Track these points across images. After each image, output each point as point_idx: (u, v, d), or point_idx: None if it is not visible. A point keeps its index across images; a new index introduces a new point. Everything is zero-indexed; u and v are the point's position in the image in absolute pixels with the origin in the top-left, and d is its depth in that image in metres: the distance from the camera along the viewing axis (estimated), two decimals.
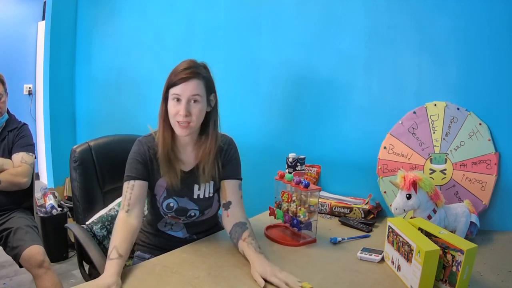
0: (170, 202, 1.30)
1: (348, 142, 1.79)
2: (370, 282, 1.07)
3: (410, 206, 1.28)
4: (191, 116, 1.20)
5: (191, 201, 1.31)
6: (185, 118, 1.19)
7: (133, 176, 1.24)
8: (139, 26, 2.75)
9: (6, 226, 1.80)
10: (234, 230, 1.24)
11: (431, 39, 1.55)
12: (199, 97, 1.20)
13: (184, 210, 1.31)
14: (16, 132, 1.95)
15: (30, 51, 3.99)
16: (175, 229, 1.36)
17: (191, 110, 1.20)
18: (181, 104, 1.19)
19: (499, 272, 1.12)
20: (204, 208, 1.33)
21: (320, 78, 1.86)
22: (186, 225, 1.36)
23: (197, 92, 1.20)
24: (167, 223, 1.36)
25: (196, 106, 1.20)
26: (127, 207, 1.21)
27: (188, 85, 1.19)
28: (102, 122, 3.12)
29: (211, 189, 1.33)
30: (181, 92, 1.19)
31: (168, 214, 1.31)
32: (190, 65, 1.22)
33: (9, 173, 1.84)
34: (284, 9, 1.95)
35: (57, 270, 2.29)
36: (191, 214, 1.32)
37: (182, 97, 1.19)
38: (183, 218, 1.33)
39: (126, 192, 1.23)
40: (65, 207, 2.73)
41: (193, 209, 1.31)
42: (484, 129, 1.45)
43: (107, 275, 1.02)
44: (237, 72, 2.17)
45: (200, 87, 1.21)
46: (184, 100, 1.19)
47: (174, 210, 1.30)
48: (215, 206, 1.36)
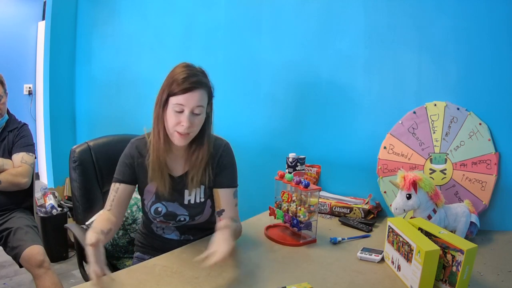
0: (158, 206, 1.28)
1: (348, 142, 1.79)
2: (370, 282, 1.07)
3: (410, 206, 1.28)
4: (193, 127, 1.17)
5: (181, 206, 1.29)
6: (185, 129, 1.15)
7: (119, 178, 1.26)
8: (139, 26, 2.75)
9: (6, 226, 1.80)
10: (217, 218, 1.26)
11: (431, 39, 1.55)
12: (203, 108, 1.17)
13: (173, 215, 1.29)
14: (16, 132, 1.95)
15: (30, 51, 3.99)
16: (167, 232, 1.35)
17: (193, 121, 1.16)
18: (183, 114, 1.14)
19: (499, 272, 1.12)
20: (194, 214, 1.30)
21: (320, 78, 1.85)
22: (177, 228, 1.35)
23: (202, 104, 1.16)
24: (158, 227, 1.35)
25: (198, 117, 1.17)
26: (109, 207, 1.25)
27: (193, 96, 1.13)
28: (102, 122, 3.12)
29: (202, 195, 1.30)
30: (185, 102, 1.13)
31: (156, 218, 1.30)
32: (193, 73, 1.16)
33: (9, 173, 1.84)
34: (284, 9, 1.95)
35: (57, 270, 2.29)
36: (180, 219, 1.30)
37: (186, 108, 1.14)
38: (173, 222, 1.31)
39: (111, 194, 1.26)
40: (65, 207, 2.73)
41: (183, 214, 1.29)
42: (484, 129, 1.45)
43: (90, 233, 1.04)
44: (237, 72, 2.16)
45: (204, 98, 1.17)
46: (187, 111, 1.14)
47: (163, 214, 1.29)
48: (207, 212, 1.33)
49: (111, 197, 1.25)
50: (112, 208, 1.24)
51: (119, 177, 1.26)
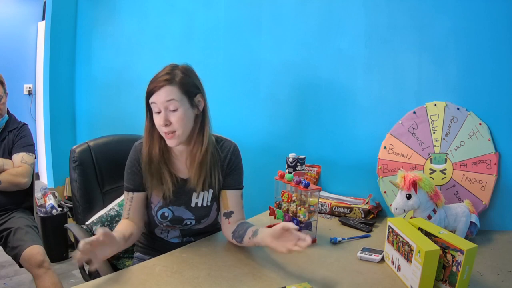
0: (165, 211, 1.28)
1: (348, 142, 1.79)
2: (370, 282, 1.07)
3: (410, 206, 1.28)
4: (172, 125, 1.15)
5: (187, 210, 1.28)
6: (166, 128, 1.15)
7: (131, 188, 1.26)
8: (139, 26, 2.75)
9: (6, 226, 1.80)
10: (240, 228, 1.24)
11: (431, 39, 1.55)
12: (176, 103, 1.14)
13: (179, 219, 1.29)
14: (16, 132, 1.95)
15: (30, 51, 3.99)
16: (171, 236, 1.35)
17: (169, 118, 1.15)
18: (161, 114, 1.15)
19: (499, 272, 1.12)
20: (200, 217, 1.30)
21: (320, 78, 1.86)
22: (181, 231, 1.34)
23: (171, 97, 1.14)
24: (163, 230, 1.35)
25: (176, 114, 1.15)
26: (127, 215, 1.27)
27: (160, 93, 1.14)
28: (102, 122, 3.12)
29: (209, 198, 1.30)
30: (156, 100, 1.15)
31: (163, 223, 1.30)
32: (160, 74, 1.17)
33: (9, 174, 1.83)
34: (284, 9, 1.95)
35: (57, 270, 2.29)
36: (186, 223, 1.30)
37: (159, 106, 1.15)
38: (179, 226, 1.32)
39: (126, 203, 1.28)
40: (65, 207, 2.73)
41: (189, 218, 1.29)
42: (484, 129, 1.45)
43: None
44: (237, 72, 2.16)
45: (173, 93, 1.14)
46: (161, 109, 1.15)
47: (169, 220, 1.28)
48: (213, 215, 1.33)
49: (127, 207, 1.27)
50: (130, 216, 1.26)
51: (130, 186, 1.26)
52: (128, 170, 1.27)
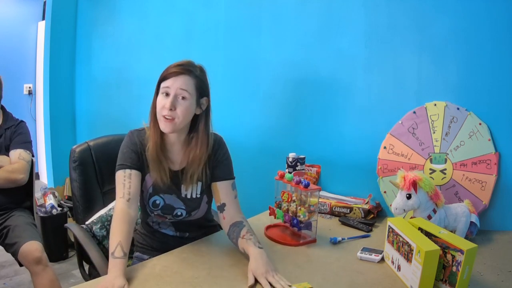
0: (156, 199, 1.29)
1: (348, 142, 1.79)
2: (370, 282, 1.07)
3: (410, 206, 1.28)
4: (176, 111, 1.18)
5: (178, 198, 1.30)
6: (169, 112, 1.17)
7: (129, 165, 1.23)
8: (139, 26, 2.75)
9: (6, 224, 1.79)
10: (232, 230, 1.24)
11: (431, 39, 1.55)
12: (188, 94, 1.18)
13: (171, 208, 1.30)
14: (13, 129, 1.94)
15: (30, 51, 3.99)
16: (163, 227, 1.37)
17: (176, 105, 1.18)
18: (169, 97, 1.18)
19: (499, 272, 1.12)
20: (191, 208, 1.31)
21: (320, 78, 1.85)
22: (173, 223, 1.35)
23: (186, 88, 1.18)
24: (155, 221, 1.36)
25: (183, 103, 1.18)
26: (128, 195, 1.18)
27: (177, 80, 1.18)
28: (102, 122, 3.12)
29: (198, 191, 1.31)
30: (170, 85, 1.18)
31: (154, 211, 1.31)
32: (184, 63, 1.22)
33: (5, 170, 1.82)
34: (284, 9, 1.95)
35: (57, 270, 2.29)
36: (177, 213, 1.31)
37: (171, 90, 1.18)
38: (170, 217, 1.32)
39: (124, 181, 1.20)
40: (65, 207, 2.73)
41: (180, 208, 1.30)
42: (484, 129, 1.45)
43: (116, 275, 0.99)
44: (237, 72, 2.16)
45: (190, 84, 1.19)
46: (172, 94, 1.18)
47: (160, 208, 1.29)
48: (203, 207, 1.34)
49: (127, 185, 1.19)
50: (131, 196, 1.18)
51: (127, 163, 1.23)
52: (125, 150, 1.25)
